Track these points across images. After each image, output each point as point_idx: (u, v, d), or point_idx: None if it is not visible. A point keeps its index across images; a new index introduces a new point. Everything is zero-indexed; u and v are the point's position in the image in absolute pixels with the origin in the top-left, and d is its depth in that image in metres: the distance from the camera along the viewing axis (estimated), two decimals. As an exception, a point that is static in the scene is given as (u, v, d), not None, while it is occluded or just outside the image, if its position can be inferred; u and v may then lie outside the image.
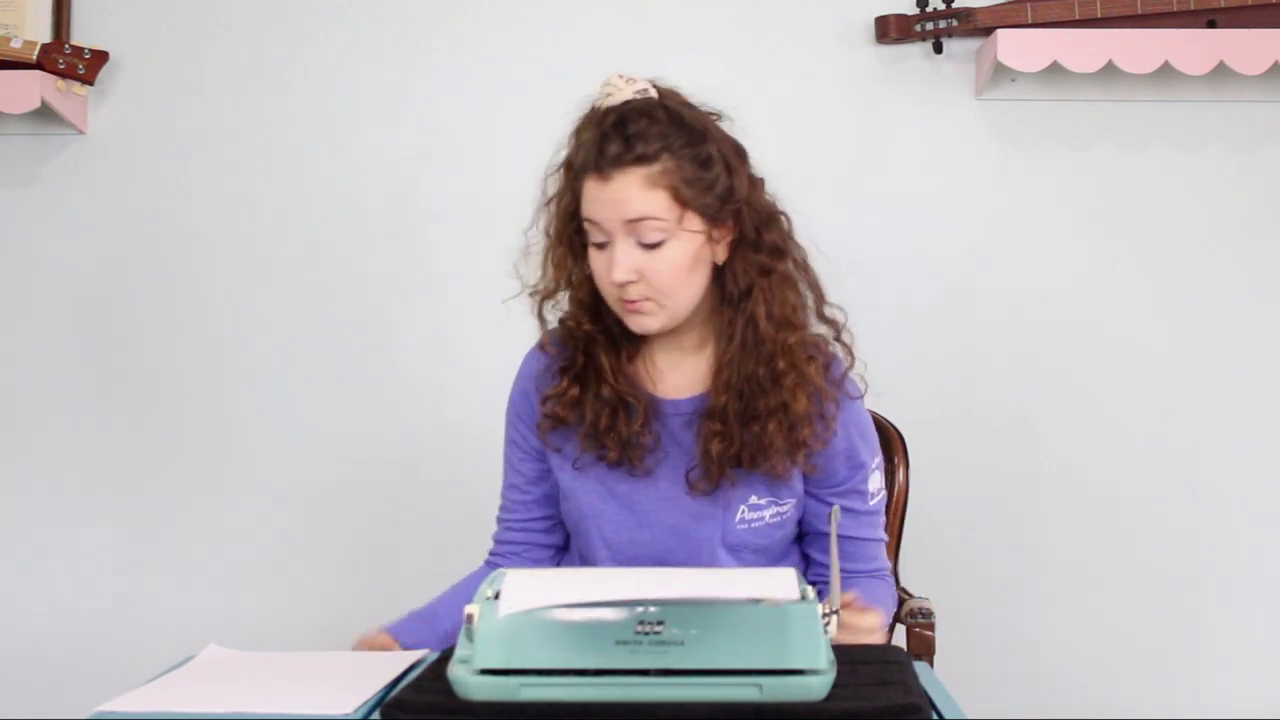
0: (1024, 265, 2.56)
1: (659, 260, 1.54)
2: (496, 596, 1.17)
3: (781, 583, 1.18)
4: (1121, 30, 2.42)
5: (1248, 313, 2.54)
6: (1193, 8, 2.44)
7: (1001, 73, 2.49)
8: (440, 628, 1.66)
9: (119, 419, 2.60)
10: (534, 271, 1.67)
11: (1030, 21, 2.44)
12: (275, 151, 2.61)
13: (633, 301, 1.56)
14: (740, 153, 1.62)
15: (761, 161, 2.72)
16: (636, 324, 1.58)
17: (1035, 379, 2.55)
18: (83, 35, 2.58)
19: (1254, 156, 2.54)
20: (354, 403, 2.60)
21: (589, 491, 1.66)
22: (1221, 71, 2.44)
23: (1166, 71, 2.44)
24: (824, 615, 1.14)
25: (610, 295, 1.58)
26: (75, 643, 2.59)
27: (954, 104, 2.55)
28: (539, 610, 1.13)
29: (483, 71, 2.59)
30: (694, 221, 1.55)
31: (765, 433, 1.58)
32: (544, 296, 1.67)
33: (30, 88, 2.46)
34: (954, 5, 2.50)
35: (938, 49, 2.52)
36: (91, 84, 2.52)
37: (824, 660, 1.12)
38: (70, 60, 2.49)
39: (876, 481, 1.69)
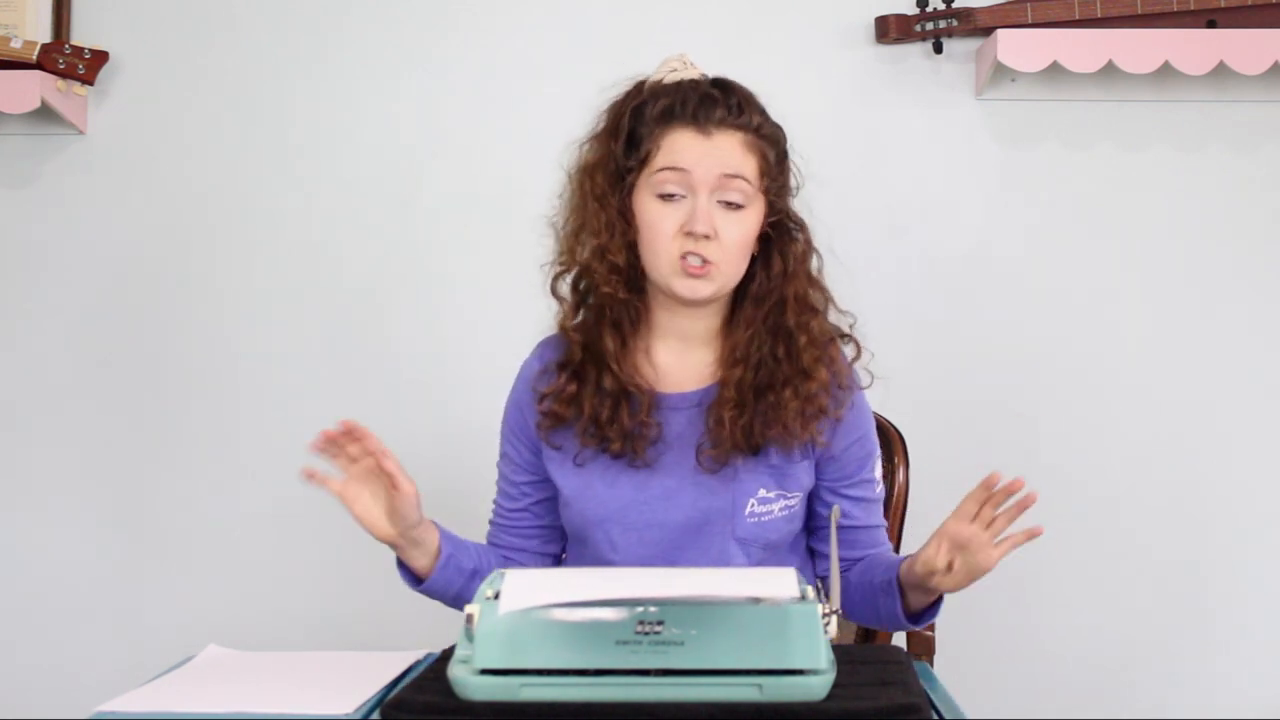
0: (1024, 265, 2.55)
1: (736, 223, 1.57)
2: (496, 596, 1.17)
3: (781, 582, 1.18)
4: (1121, 30, 2.42)
5: (1248, 312, 2.54)
6: (1193, 8, 2.44)
7: (1001, 73, 2.49)
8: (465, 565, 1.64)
9: (119, 418, 2.60)
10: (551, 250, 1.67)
11: (1030, 21, 2.44)
12: (275, 151, 2.60)
13: (698, 265, 1.56)
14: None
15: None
16: (689, 287, 1.57)
17: (1035, 379, 2.55)
18: (83, 35, 2.57)
19: (1254, 156, 2.54)
20: (356, 402, 2.59)
21: (593, 495, 1.64)
22: (1221, 71, 2.44)
23: (1166, 71, 2.44)
24: (824, 615, 1.15)
25: (667, 254, 1.57)
26: (75, 643, 2.59)
27: (954, 104, 2.55)
28: (539, 610, 1.14)
29: (482, 72, 2.59)
30: (761, 200, 1.61)
31: (780, 400, 1.59)
32: (565, 269, 1.66)
33: (30, 88, 2.45)
34: (954, 5, 2.50)
35: (938, 49, 2.52)
36: (91, 84, 2.52)
37: (824, 660, 1.12)
38: (70, 60, 2.49)
39: (879, 469, 1.74)
